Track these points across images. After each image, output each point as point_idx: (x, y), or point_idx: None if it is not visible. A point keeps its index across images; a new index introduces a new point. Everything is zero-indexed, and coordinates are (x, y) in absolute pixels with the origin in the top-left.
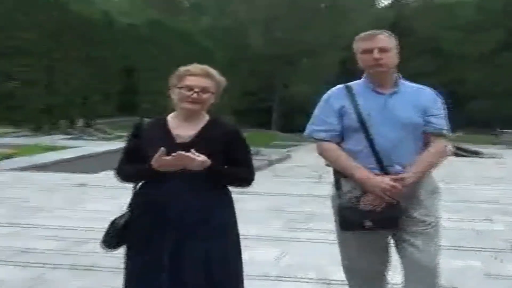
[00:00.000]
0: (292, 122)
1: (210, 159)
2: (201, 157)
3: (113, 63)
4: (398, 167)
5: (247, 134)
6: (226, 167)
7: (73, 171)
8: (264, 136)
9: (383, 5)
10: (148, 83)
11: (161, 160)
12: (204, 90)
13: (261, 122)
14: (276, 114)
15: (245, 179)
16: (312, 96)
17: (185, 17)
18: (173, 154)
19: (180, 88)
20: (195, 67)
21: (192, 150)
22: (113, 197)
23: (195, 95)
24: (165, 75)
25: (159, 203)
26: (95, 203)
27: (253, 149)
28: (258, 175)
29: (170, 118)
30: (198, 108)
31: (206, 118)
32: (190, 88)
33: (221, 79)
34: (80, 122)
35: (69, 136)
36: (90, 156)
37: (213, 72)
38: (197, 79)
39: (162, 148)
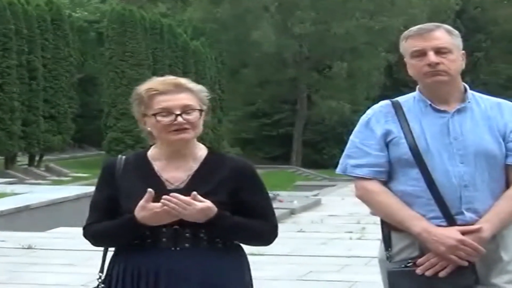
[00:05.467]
0: (321, 153)
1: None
2: (203, 203)
3: (63, 73)
4: (470, 215)
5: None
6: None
7: (14, 228)
8: (281, 174)
9: None
10: (114, 102)
11: (148, 207)
12: (186, 109)
13: (277, 154)
14: (298, 143)
15: (265, 235)
16: (349, 116)
17: (163, 8)
18: (164, 197)
19: (153, 115)
20: (161, 82)
21: (194, 193)
22: (72, 264)
23: (179, 119)
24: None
25: (143, 274)
26: (47, 273)
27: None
28: None
29: (152, 155)
30: (190, 136)
31: (202, 151)
32: (168, 112)
33: (201, 88)
34: (21, 159)
35: (6, 180)
36: (36, 207)
37: (186, 81)
38: (171, 97)
39: (150, 190)
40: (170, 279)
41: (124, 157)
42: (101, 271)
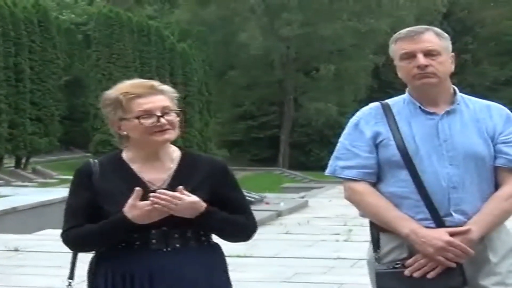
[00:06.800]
0: (308, 155)
1: None
2: (192, 197)
3: (50, 75)
4: (458, 217)
5: (244, 174)
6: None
7: (1, 231)
8: (268, 177)
9: None
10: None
11: (139, 206)
12: (166, 110)
13: (264, 157)
14: (285, 145)
15: (248, 230)
16: (336, 118)
17: (150, 11)
18: (152, 195)
19: (136, 118)
20: (135, 86)
21: (180, 188)
22: (59, 267)
23: (161, 120)
24: None
25: (137, 277)
26: (34, 276)
27: (254, 195)
28: (262, 232)
29: (127, 157)
30: (172, 136)
31: (176, 152)
32: (149, 114)
33: (170, 88)
34: (8, 161)
35: None
36: (23, 209)
37: (157, 83)
38: (150, 99)
39: (138, 188)
40: (165, 279)
41: (96, 160)
42: (71, 277)
